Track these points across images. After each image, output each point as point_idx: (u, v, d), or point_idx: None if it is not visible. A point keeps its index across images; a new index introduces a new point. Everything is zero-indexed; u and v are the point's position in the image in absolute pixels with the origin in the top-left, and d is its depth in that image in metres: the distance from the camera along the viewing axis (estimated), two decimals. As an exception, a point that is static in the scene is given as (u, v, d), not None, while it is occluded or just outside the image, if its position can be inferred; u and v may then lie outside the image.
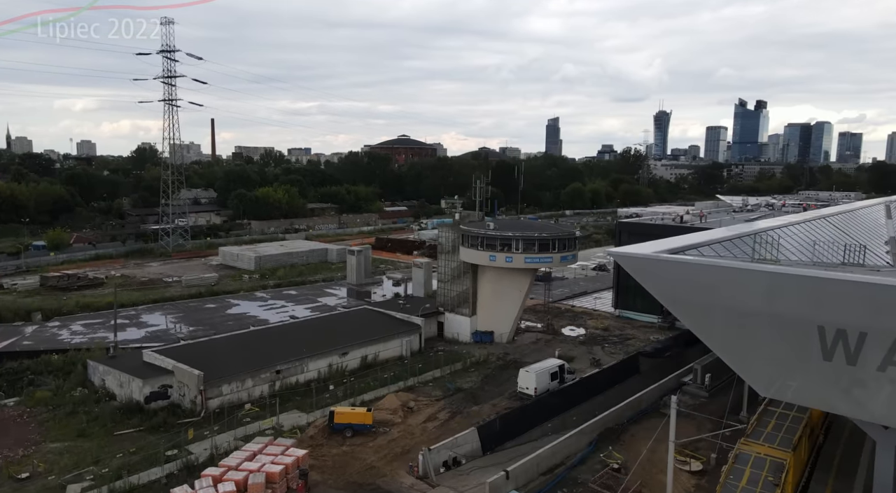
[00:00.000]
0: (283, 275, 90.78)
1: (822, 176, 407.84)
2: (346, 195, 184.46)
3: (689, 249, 34.87)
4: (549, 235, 54.11)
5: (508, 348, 57.87)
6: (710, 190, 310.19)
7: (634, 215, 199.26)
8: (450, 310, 62.46)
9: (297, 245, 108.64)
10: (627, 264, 31.02)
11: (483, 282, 60.07)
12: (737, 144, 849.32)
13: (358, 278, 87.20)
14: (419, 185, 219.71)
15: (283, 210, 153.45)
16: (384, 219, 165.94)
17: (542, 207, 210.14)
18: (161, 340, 59.94)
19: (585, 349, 57.69)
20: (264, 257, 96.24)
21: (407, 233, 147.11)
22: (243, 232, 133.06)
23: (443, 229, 63.14)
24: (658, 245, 33.93)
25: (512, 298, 58.14)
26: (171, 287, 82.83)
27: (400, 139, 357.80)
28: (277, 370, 45.79)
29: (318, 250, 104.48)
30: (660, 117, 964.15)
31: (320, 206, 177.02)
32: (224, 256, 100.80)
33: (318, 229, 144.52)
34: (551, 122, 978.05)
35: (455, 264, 61.60)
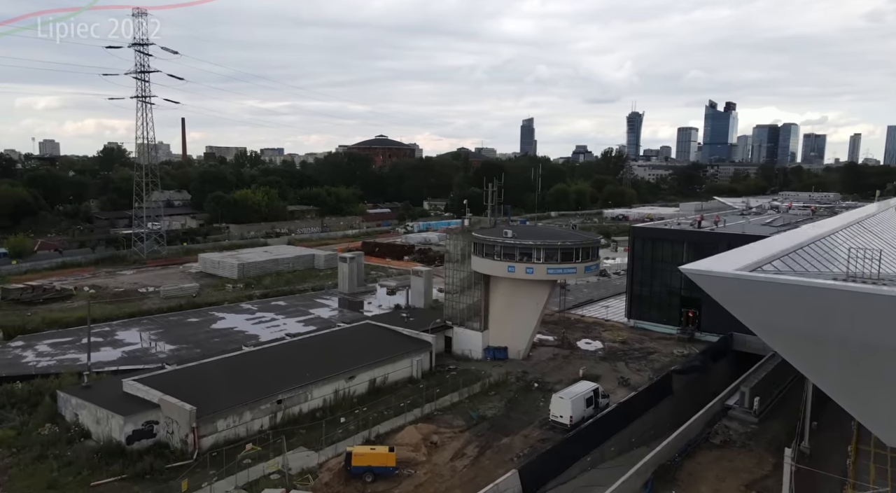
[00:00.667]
0: (270, 284, 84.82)
1: (794, 177, 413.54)
2: (327, 197, 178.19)
3: (764, 263, 30.68)
4: (572, 243, 49.58)
5: (526, 366, 53.24)
6: (689, 191, 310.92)
7: (621, 217, 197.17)
8: (458, 324, 57.61)
9: (281, 251, 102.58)
10: (712, 285, 26.59)
11: (496, 294, 55.36)
12: (707, 144, 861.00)
13: (350, 287, 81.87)
14: (401, 186, 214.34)
15: (262, 213, 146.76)
16: (368, 222, 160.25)
17: (526, 209, 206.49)
18: (140, 361, 53.91)
19: (609, 366, 53.32)
20: (248, 265, 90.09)
21: (393, 236, 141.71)
22: (222, 236, 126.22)
23: (451, 236, 58.24)
24: (730, 261, 29.60)
25: (528, 311, 53.52)
26: (148, 299, 76.33)
27: (378, 139, 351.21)
28: (279, 400, 40.39)
29: (305, 257, 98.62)
30: (632, 119, 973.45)
31: (300, 208, 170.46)
32: (204, 263, 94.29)
33: (300, 233, 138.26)
34: (526, 122, 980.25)
35: (464, 274, 56.77)
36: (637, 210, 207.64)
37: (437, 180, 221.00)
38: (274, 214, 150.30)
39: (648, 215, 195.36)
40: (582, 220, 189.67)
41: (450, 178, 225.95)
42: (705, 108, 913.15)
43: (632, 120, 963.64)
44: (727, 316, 60.27)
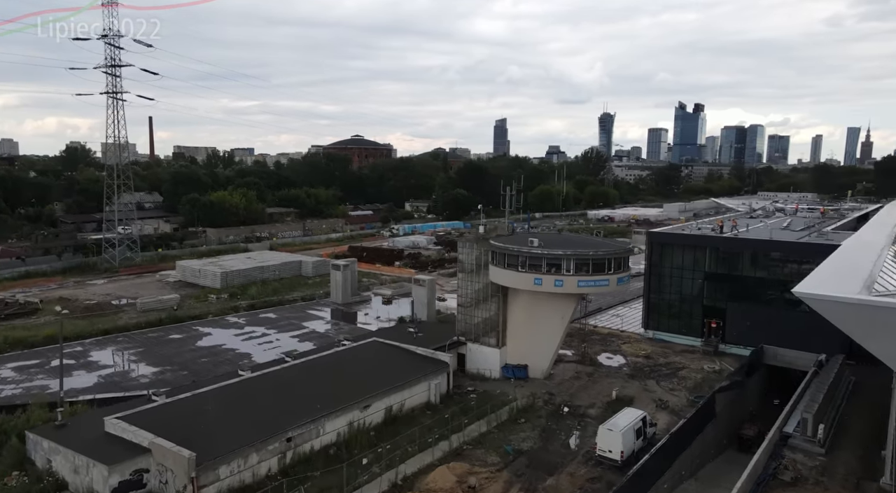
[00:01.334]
0: (256, 293, 78.87)
1: (766, 177, 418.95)
2: (307, 199, 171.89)
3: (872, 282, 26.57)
4: (604, 252, 45.22)
5: (550, 386, 48.78)
6: (667, 191, 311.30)
7: (607, 218, 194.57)
8: (473, 340, 52.91)
9: (266, 257, 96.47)
10: (840, 313, 22.24)
11: (515, 307, 50.80)
12: (677, 145, 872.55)
13: (344, 297, 76.54)
14: (382, 187, 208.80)
15: (240, 216, 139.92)
16: (350, 224, 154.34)
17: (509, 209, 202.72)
18: (119, 387, 48.02)
19: (639, 386, 49.16)
20: (232, 273, 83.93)
21: (379, 240, 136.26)
22: (199, 241, 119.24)
23: (464, 244, 53.45)
24: (842, 279, 25.44)
25: (551, 326, 49.05)
26: (124, 312, 69.85)
27: (353, 139, 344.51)
28: (288, 438, 35.15)
29: (292, 263, 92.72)
30: (604, 119, 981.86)
31: (279, 211, 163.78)
32: (183, 271, 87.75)
33: (281, 237, 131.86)
34: (499, 122, 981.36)
35: (479, 286, 52.07)
36: (622, 211, 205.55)
37: (418, 181, 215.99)
38: (252, 217, 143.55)
39: (634, 217, 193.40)
40: (568, 221, 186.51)
41: (431, 178, 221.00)
42: (675, 109, 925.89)
43: (604, 121, 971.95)
44: (753, 327, 57.66)
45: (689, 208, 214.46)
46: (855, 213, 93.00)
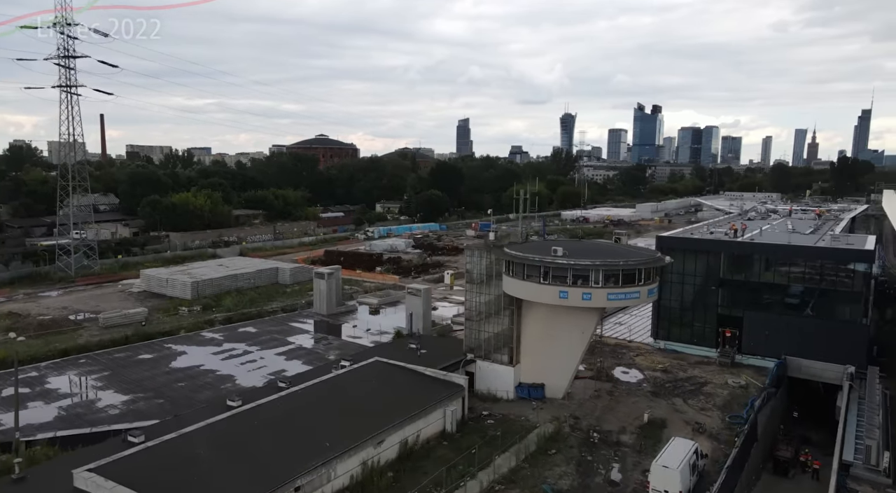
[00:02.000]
0: (231, 305, 72.57)
1: (726, 177, 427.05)
2: (275, 201, 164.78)
3: None
4: (636, 262, 41.23)
5: (571, 408, 44.61)
6: (634, 191, 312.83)
7: (582, 218, 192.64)
8: (482, 357, 48.39)
9: (238, 264, 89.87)
10: None
11: (530, 321, 46.47)
12: (636, 146, 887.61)
13: (329, 308, 71.10)
14: (351, 188, 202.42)
15: (205, 219, 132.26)
16: (322, 227, 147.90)
17: (483, 211, 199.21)
18: (85, 420, 41.87)
19: (667, 405, 45.40)
20: (203, 282, 77.35)
21: (354, 243, 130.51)
22: (162, 247, 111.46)
23: (472, 253, 48.84)
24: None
25: (572, 342, 44.87)
26: (85, 329, 62.90)
27: (318, 139, 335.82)
28: (296, 488, 29.97)
29: (267, 271, 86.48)
30: (566, 119, 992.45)
31: (246, 213, 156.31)
32: (148, 280, 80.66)
33: (251, 242, 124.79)
34: (462, 122, 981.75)
35: (489, 298, 47.60)
36: (595, 211, 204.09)
37: (389, 182, 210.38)
38: (218, 220, 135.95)
39: (608, 217, 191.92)
40: (545, 222, 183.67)
41: (401, 179, 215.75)
42: (634, 110, 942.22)
43: (565, 121, 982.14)
44: (772, 336, 54.67)
45: (661, 208, 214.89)
46: (847, 214, 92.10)
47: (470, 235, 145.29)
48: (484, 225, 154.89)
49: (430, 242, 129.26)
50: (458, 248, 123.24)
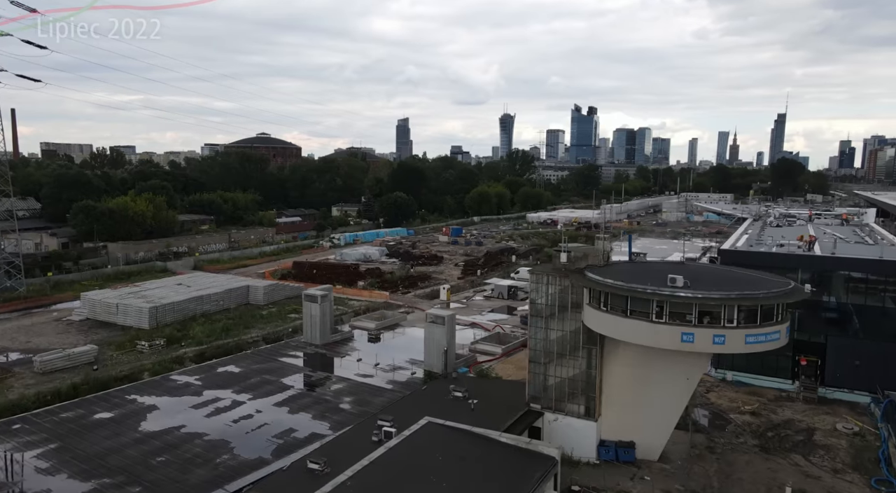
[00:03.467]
0: (202, 335, 59.76)
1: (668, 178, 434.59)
2: (223, 204, 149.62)
3: None
4: (777, 294, 32.33)
5: (679, 475, 35.51)
6: (588, 191, 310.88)
7: (549, 221, 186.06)
8: (551, 408, 38.75)
9: (200, 282, 76.38)
10: None
11: (615, 363, 37.11)
12: (574, 146, 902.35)
13: (323, 336, 59.57)
14: (305, 190, 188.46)
15: (146, 227, 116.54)
16: (281, 233, 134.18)
17: (444, 213, 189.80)
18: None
19: (793, 467, 36.72)
20: (163, 307, 64.01)
21: (321, 252, 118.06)
22: (99, 261, 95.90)
23: (538, 277, 38.95)
24: None
25: (672, 390, 35.77)
26: (15, 377, 49.04)
27: (260, 137, 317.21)
28: None
29: (237, 290, 73.66)
30: (505, 120, 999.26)
31: (192, 219, 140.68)
32: (92, 306, 66.44)
33: (205, 252, 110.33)
34: (401, 122, 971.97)
35: (561, 334, 38.01)
36: (561, 213, 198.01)
37: (345, 183, 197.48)
38: (162, 228, 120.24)
39: (575, 219, 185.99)
40: (512, 225, 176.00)
41: (357, 180, 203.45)
42: (571, 111, 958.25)
43: (504, 121, 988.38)
44: (864, 366, 47.35)
45: (624, 209, 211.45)
46: (864, 218, 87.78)
47: (443, 240, 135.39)
48: (455, 230, 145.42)
49: (405, 250, 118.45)
50: (437, 256, 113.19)
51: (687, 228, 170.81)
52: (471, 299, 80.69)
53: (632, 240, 53.47)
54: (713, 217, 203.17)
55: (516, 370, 50.82)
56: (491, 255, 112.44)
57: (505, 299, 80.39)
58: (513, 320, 69.45)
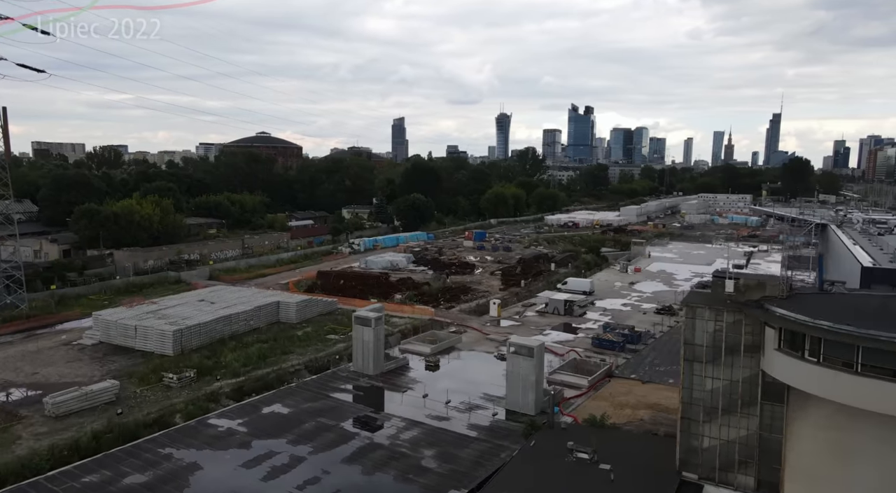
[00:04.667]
0: (236, 363, 51.51)
1: (674, 178, 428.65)
2: (231, 207, 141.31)
3: None
4: None
5: (887, 565, 27.66)
6: (598, 192, 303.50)
7: (571, 223, 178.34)
8: (711, 478, 30.84)
9: (224, 297, 67.84)
10: None
11: (805, 424, 29.23)
12: (571, 146, 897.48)
13: (377, 365, 51.40)
14: (314, 191, 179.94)
15: (153, 231, 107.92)
16: (295, 239, 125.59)
17: (458, 215, 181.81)
18: None
19: None
20: (189, 330, 55.61)
21: (341, 259, 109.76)
22: (106, 271, 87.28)
23: (694, 309, 31.02)
24: None
25: (883, 464, 27.92)
26: (22, 423, 40.58)
27: (260, 137, 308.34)
28: None
29: (267, 307, 65.29)
30: (501, 119, 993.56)
31: (199, 222, 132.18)
32: (105, 327, 57.91)
33: (219, 259, 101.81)
34: (397, 121, 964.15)
35: (724, 384, 30.17)
36: (581, 215, 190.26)
37: (354, 184, 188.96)
38: (169, 233, 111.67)
39: (596, 222, 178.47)
40: (533, 227, 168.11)
41: (367, 181, 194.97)
42: (568, 111, 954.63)
43: (500, 121, 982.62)
44: None
45: (644, 211, 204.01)
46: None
47: (468, 245, 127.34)
48: (478, 234, 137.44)
49: (433, 257, 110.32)
50: (468, 263, 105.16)
51: (717, 232, 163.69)
52: (523, 315, 72.72)
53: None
54: (738, 218, 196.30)
55: (615, 409, 43.00)
56: (526, 262, 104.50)
57: (561, 314, 72.44)
58: (581, 342, 61.55)
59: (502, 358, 55.69)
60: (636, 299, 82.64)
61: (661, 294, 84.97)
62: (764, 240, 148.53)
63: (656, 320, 71.17)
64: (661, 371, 52.04)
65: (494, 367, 53.74)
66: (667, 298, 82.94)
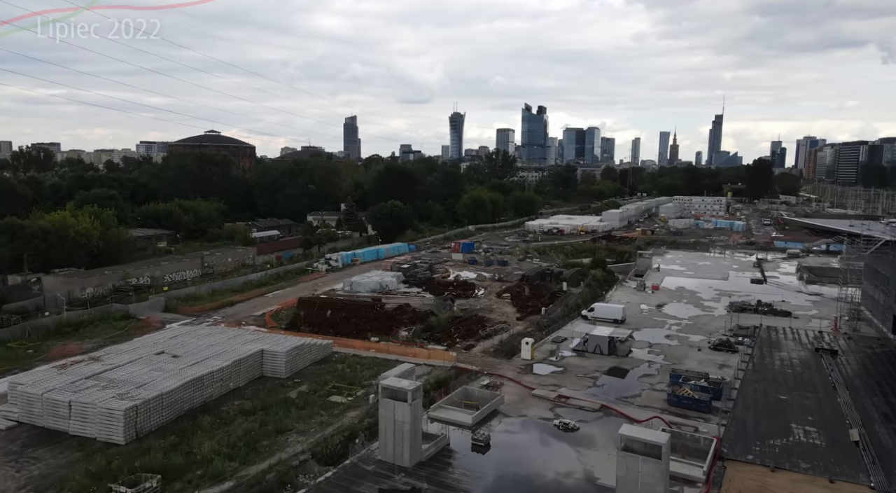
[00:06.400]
0: (217, 456, 36.89)
1: (634, 178, 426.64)
2: (183, 216, 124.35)
3: None
4: None
5: None
6: (567, 194, 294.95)
7: (556, 230, 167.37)
8: None
9: (191, 345, 52.31)
10: None
11: None
12: (525, 145, 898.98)
13: (414, 453, 37.81)
14: (275, 196, 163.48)
15: (91, 248, 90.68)
16: (262, 254, 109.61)
17: (433, 222, 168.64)
18: None
19: None
20: (147, 405, 40.52)
21: (320, 279, 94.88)
22: (30, 304, 70.08)
23: None
24: None
25: None
26: None
27: (209, 136, 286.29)
28: None
29: (249, 359, 50.38)
30: (455, 119, 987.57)
31: (146, 234, 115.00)
32: (27, 403, 42.10)
33: (175, 283, 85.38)
34: (349, 120, 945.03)
35: None
36: (564, 221, 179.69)
37: (319, 188, 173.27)
38: (112, 250, 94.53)
39: (581, 228, 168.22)
40: (516, 235, 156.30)
41: (333, 184, 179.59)
42: (522, 110, 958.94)
43: (454, 120, 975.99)
44: None
45: (625, 216, 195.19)
46: None
47: (457, 259, 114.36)
48: (466, 245, 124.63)
49: (425, 276, 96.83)
50: (467, 283, 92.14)
51: (708, 238, 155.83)
52: (558, 355, 60.20)
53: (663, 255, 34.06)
54: (723, 223, 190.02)
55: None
56: (532, 281, 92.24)
57: (605, 354, 60.29)
58: (650, 397, 49.46)
59: (566, 428, 43.36)
60: (675, 328, 71.35)
61: (700, 321, 74.12)
62: (761, 248, 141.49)
63: (716, 358, 60.01)
64: (777, 446, 40.32)
65: (562, 444, 41.11)
66: (707, 325, 72.27)
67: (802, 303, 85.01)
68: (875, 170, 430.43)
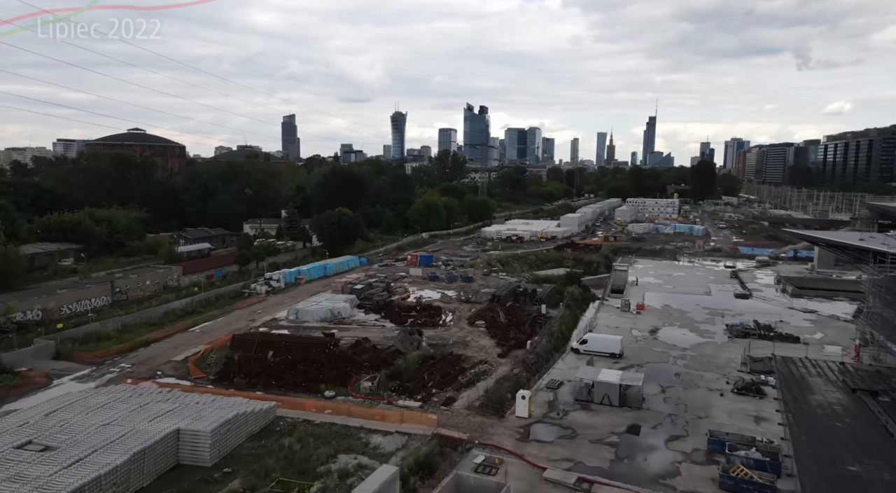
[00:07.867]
0: None
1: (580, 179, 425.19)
2: (94, 227, 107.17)
3: None
4: None
5: None
6: (517, 195, 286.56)
7: (514, 238, 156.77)
8: None
9: (78, 426, 37.74)
10: None
11: None
12: (468, 145, 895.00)
13: None
14: (206, 203, 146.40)
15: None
16: (189, 273, 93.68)
17: (383, 229, 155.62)
18: None
19: None
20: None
21: (259, 305, 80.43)
22: None
23: None
24: None
25: None
26: None
27: (133, 134, 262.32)
28: None
29: (157, 446, 36.54)
30: (396, 118, 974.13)
31: (47, 250, 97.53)
32: None
33: (75, 316, 69.24)
34: (287, 119, 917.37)
35: None
36: (522, 226, 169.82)
37: (257, 192, 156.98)
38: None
39: (541, 234, 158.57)
40: (473, 243, 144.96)
41: (272, 189, 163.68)
42: (464, 110, 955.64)
43: (396, 120, 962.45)
44: None
45: (582, 220, 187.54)
46: None
47: (415, 274, 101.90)
48: (424, 258, 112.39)
49: (382, 298, 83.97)
50: (431, 307, 79.91)
51: (671, 243, 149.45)
52: (559, 409, 48.87)
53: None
54: (682, 227, 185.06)
55: None
56: (504, 302, 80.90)
57: (615, 405, 49.38)
58: (692, 475, 38.68)
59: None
60: (681, 361, 61.40)
61: (706, 352, 64.59)
62: (727, 255, 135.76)
63: (746, 406, 50.09)
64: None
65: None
66: (715, 357, 62.86)
67: (801, 323, 77.21)
68: (801, 171, 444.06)
